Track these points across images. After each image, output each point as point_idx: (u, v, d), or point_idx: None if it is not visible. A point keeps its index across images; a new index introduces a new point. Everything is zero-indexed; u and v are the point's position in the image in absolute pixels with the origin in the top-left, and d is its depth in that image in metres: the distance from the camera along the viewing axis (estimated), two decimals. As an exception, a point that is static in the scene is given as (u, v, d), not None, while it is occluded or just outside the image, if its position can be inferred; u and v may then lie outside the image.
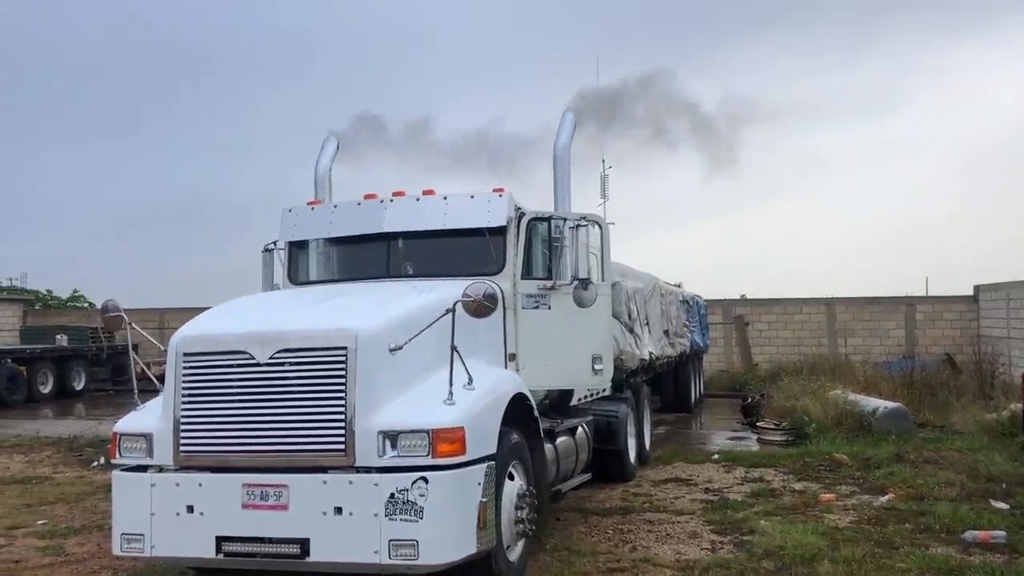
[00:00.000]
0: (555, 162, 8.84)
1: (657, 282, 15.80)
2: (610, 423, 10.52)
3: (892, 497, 9.52)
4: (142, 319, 7.17)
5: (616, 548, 7.76)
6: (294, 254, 8.60)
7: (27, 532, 8.85)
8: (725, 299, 29.17)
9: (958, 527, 8.03)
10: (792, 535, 7.77)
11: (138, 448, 6.34)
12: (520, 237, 7.94)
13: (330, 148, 9.80)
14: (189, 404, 6.18)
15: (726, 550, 7.66)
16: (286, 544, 5.80)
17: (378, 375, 6.00)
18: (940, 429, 14.53)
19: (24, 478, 12.02)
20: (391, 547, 5.61)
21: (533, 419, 7.15)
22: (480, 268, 7.62)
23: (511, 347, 7.56)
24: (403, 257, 8.25)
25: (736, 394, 22.41)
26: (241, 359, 6.08)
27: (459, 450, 5.78)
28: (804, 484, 10.58)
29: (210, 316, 6.89)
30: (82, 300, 40.97)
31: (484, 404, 6.19)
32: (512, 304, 7.64)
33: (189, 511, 6.02)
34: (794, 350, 26.55)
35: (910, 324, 27.02)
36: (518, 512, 6.59)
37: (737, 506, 9.33)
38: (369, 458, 5.79)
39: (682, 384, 19.63)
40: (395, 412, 5.91)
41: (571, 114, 9.09)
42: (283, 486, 5.83)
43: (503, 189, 8.00)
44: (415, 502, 5.61)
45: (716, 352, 27.46)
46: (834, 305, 27.96)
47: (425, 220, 8.05)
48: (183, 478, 6.11)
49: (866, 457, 11.81)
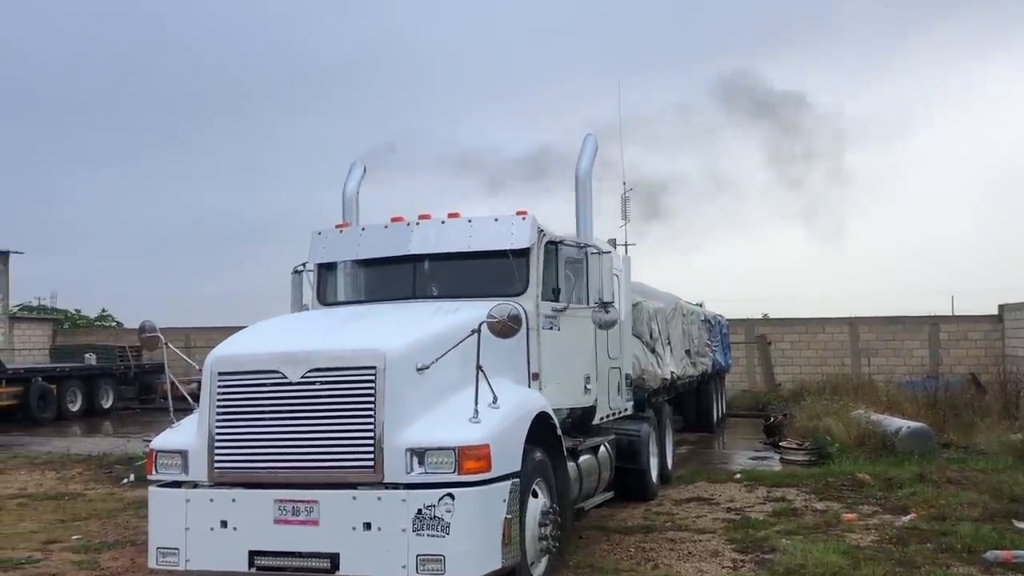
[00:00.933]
0: (577, 186, 9.03)
1: (679, 302, 15.90)
2: (632, 442, 10.61)
3: (914, 517, 9.54)
4: (168, 338, 7.40)
5: (638, 566, 7.85)
6: (323, 275, 8.81)
7: (63, 547, 9.06)
8: (748, 319, 29.17)
9: (980, 547, 8.04)
10: (813, 554, 7.82)
11: (174, 464, 6.54)
12: (542, 259, 8.12)
13: (357, 173, 10.05)
14: (223, 422, 6.38)
15: (747, 568, 7.73)
16: (316, 558, 5.97)
17: (406, 394, 6.17)
18: (964, 449, 14.45)
19: (57, 494, 12.28)
20: (419, 562, 5.76)
21: (556, 437, 7.29)
22: (504, 289, 7.78)
23: (534, 367, 7.70)
24: (429, 278, 8.44)
25: (759, 414, 22.37)
26: (274, 378, 6.28)
27: (485, 467, 5.93)
28: (826, 504, 10.61)
29: (243, 336, 7.11)
30: (110, 319, 41.59)
31: (509, 422, 6.34)
32: (535, 324, 7.80)
33: (223, 526, 6.20)
34: (817, 370, 26.47)
35: (934, 343, 26.88)
36: (542, 529, 6.72)
37: (759, 525, 9.39)
38: (397, 475, 5.95)
39: (704, 404, 19.65)
40: (422, 430, 6.07)
41: (592, 138, 9.27)
42: (314, 502, 6.01)
43: (526, 212, 8.17)
44: (442, 518, 5.76)
45: (739, 372, 27.43)
46: (857, 325, 27.88)
47: (450, 242, 8.24)
48: (217, 494, 6.30)
49: (888, 477, 11.81)
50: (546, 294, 8.13)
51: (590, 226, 8.96)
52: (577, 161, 9.09)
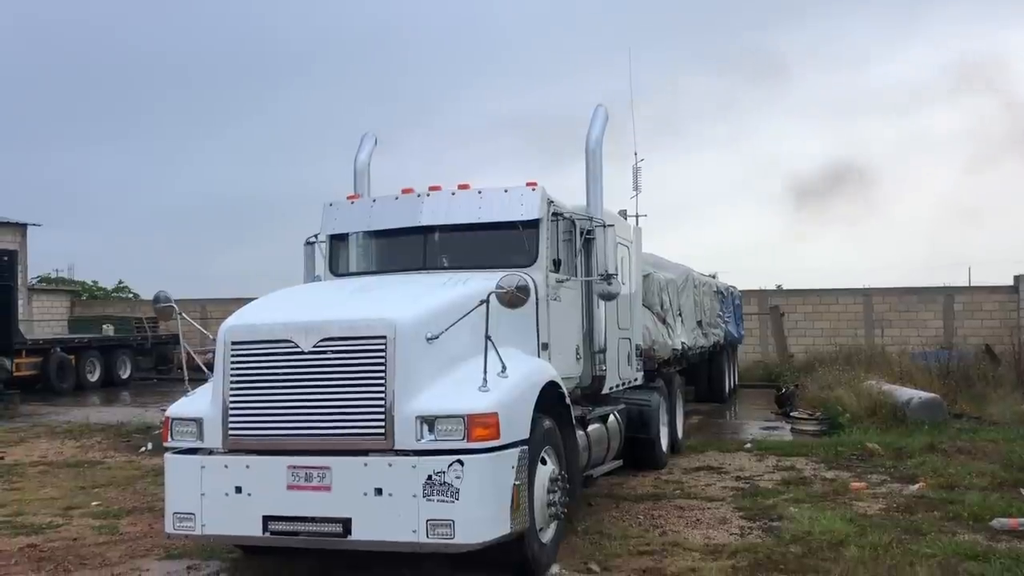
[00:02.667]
0: (587, 156, 9.03)
1: (690, 273, 15.92)
2: (642, 412, 10.70)
3: (922, 486, 9.60)
4: (184, 309, 7.50)
5: (646, 532, 7.96)
6: (335, 247, 8.88)
7: (83, 513, 9.27)
8: (761, 289, 29.13)
9: (987, 515, 8.10)
10: (820, 521, 7.91)
11: (189, 432, 6.66)
12: (552, 230, 8.16)
13: (368, 144, 10.08)
14: (237, 390, 6.48)
15: (754, 535, 7.82)
16: (329, 523, 6.07)
17: (416, 363, 6.25)
18: (976, 420, 14.47)
19: (77, 462, 12.52)
20: (428, 527, 5.86)
21: (565, 406, 7.37)
22: (513, 260, 7.82)
23: (543, 337, 7.76)
24: (439, 249, 8.50)
25: (771, 384, 22.42)
26: (286, 347, 6.36)
27: (493, 435, 6.01)
28: (835, 473, 10.68)
29: (256, 307, 7.19)
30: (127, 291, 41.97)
31: (518, 391, 6.41)
32: (544, 295, 7.85)
33: (237, 492, 6.32)
34: (830, 341, 26.44)
35: (948, 315, 26.76)
36: (550, 495, 6.82)
37: (767, 493, 9.48)
38: (408, 442, 6.04)
39: (716, 374, 19.73)
40: (432, 398, 6.16)
41: (602, 108, 9.24)
42: (326, 468, 6.11)
43: (536, 183, 8.20)
44: (451, 484, 5.86)
45: (751, 342, 27.45)
46: (871, 295, 27.78)
47: (460, 214, 8.29)
48: (231, 460, 6.42)
49: (899, 447, 11.87)
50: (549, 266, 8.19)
51: (600, 197, 8.97)
52: (588, 131, 9.08)
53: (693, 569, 6.72)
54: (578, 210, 8.74)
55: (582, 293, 8.74)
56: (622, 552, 7.28)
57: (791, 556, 7.07)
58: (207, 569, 7.23)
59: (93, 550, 7.80)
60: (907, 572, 6.51)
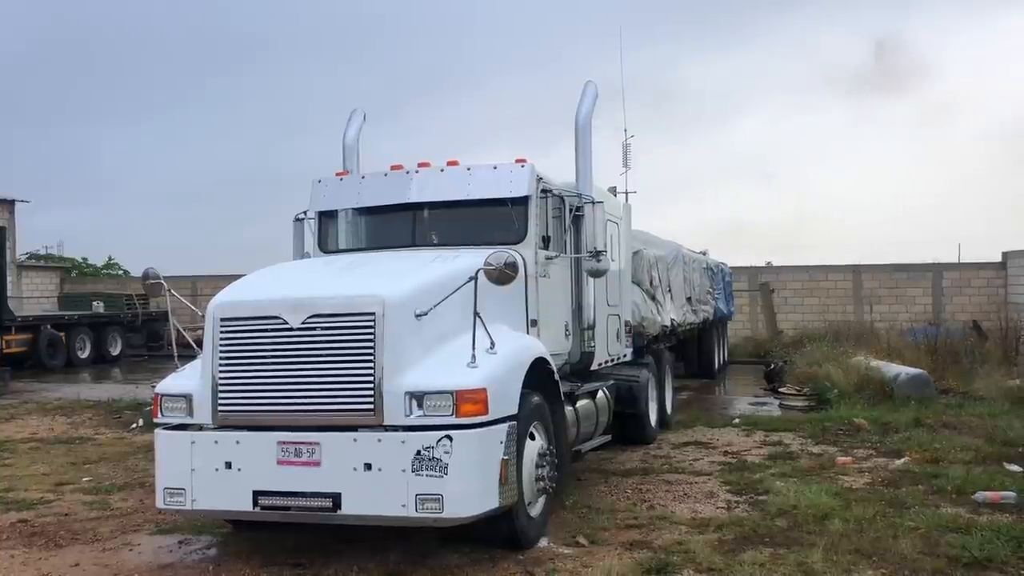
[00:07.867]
0: (577, 133, 9.03)
1: (680, 250, 15.96)
2: (631, 388, 10.77)
3: (908, 460, 9.71)
4: (175, 286, 7.49)
5: (634, 506, 8.04)
6: (324, 223, 8.87)
7: (74, 488, 9.31)
8: (751, 266, 29.22)
9: (970, 489, 8.21)
10: (806, 495, 8.00)
11: (179, 408, 6.68)
12: (541, 207, 8.16)
13: (357, 120, 10.05)
14: (226, 367, 6.49)
15: (741, 509, 7.91)
16: (319, 498, 6.11)
17: (405, 339, 6.28)
18: (963, 395, 14.59)
19: (68, 439, 12.55)
20: (418, 501, 5.91)
21: (554, 382, 7.42)
22: (503, 237, 7.84)
23: (532, 313, 7.79)
24: (428, 226, 8.50)
25: (760, 361, 22.56)
26: (275, 324, 6.38)
27: (482, 410, 6.06)
28: (822, 448, 10.79)
29: (245, 283, 7.19)
30: (116, 268, 41.80)
31: (506, 367, 6.45)
32: (533, 272, 7.87)
33: (227, 467, 6.35)
34: (820, 317, 26.60)
35: (937, 291, 26.93)
36: (539, 470, 6.88)
37: (754, 468, 9.57)
38: (397, 417, 6.08)
39: (706, 351, 19.84)
40: (421, 374, 6.19)
41: (593, 85, 9.22)
42: (315, 444, 6.15)
43: (525, 160, 8.19)
44: (440, 459, 5.90)
45: (741, 319, 27.58)
46: (861, 272, 27.90)
47: (449, 190, 8.28)
48: (221, 436, 6.45)
49: (885, 422, 11.98)
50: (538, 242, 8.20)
51: (589, 174, 8.97)
52: (577, 108, 9.07)
53: (680, 542, 6.79)
54: (567, 187, 8.74)
55: (571, 270, 8.76)
56: (610, 526, 7.36)
57: (777, 529, 7.16)
58: (198, 544, 7.28)
59: (84, 525, 7.85)
60: (890, 544, 6.62)
